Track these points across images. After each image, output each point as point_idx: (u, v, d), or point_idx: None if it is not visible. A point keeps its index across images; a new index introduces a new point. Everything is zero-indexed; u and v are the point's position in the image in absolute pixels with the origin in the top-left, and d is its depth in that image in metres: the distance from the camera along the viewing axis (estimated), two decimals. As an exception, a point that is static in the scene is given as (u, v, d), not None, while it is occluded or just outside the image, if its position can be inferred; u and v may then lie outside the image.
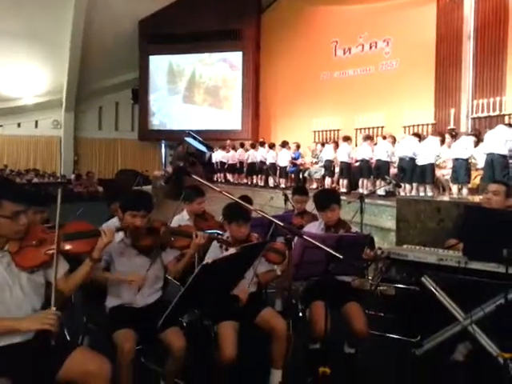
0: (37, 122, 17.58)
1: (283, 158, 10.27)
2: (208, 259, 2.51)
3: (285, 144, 10.64)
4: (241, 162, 11.90)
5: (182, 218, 3.61)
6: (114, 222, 3.45)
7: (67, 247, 2.03)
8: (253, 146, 11.71)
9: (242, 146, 12.36)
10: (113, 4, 13.73)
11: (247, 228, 2.67)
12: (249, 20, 14.74)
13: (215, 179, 12.71)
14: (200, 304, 2.02)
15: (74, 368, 1.86)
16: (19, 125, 17.48)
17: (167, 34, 15.25)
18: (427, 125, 10.38)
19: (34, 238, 1.95)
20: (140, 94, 16.47)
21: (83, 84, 16.36)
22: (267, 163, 10.64)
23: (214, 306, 2.32)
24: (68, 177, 16.67)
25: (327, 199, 2.95)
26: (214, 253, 2.60)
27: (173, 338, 2.27)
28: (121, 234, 2.48)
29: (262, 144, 11.59)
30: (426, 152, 6.93)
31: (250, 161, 11.37)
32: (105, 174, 17.79)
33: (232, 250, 1.83)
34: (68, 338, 2.64)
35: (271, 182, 10.33)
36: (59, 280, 1.99)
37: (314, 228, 3.01)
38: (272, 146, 10.91)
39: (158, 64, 16.05)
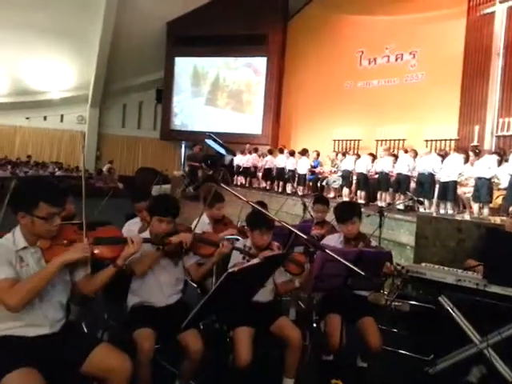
0: (62, 116, 17.95)
1: (302, 166, 10.30)
2: (231, 267, 2.58)
3: (305, 152, 10.66)
4: (255, 167, 11.99)
5: (202, 222, 3.67)
6: (136, 221, 3.54)
7: (95, 251, 2.07)
8: (270, 152, 11.79)
9: (256, 150, 12.46)
10: (142, 4, 14.00)
11: (269, 236, 2.70)
12: (275, 26, 14.82)
13: (234, 183, 12.78)
14: (221, 310, 2.07)
15: (96, 363, 1.93)
16: (45, 118, 17.87)
17: (194, 36, 15.44)
18: (450, 140, 10.27)
19: (65, 237, 2.02)
20: (164, 94, 16.69)
21: (109, 81, 16.68)
22: (286, 170, 10.68)
23: (232, 312, 2.37)
24: (90, 172, 17.00)
25: (348, 212, 2.95)
26: (236, 261, 2.64)
27: (190, 340, 2.32)
28: (146, 233, 2.56)
29: (281, 151, 11.64)
30: (449, 169, 6.87)
31: (267, 166, 11.43)
32: (125, 170, 18.07)
33: (255, 260, 1.87)
34: (85, 331, 2.73)
35: (289, 188, 10.38)
36: (80, 280, 2.07)
37: (333, 240, 3.02)
38: (292, 154, 10.95)
39: (183, 66, 16.26)
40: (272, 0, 14.53)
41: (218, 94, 16.07)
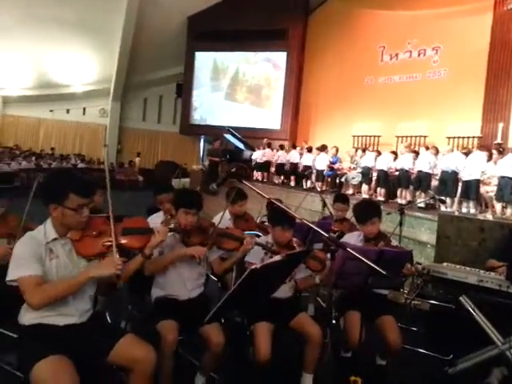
0: (85, 109, 18.26)
1: (321, 162, 10.27)
2: (249, 260, 2.62)
3: (324, 148, 10.62)
4: (269, 162, 12.09)
5: (224, 217, 3.71)
6: (159, 215, 3.60)
7: (123, 241, 2.15)
8: (282, 147, 11.97)
9: (270, 145, 12.53)
10: (164, -1, 14.11)
11: (291, 233, 2.73)
12: (296, 21, 14.71)
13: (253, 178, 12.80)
14: (243, 305, 2.11)
15: (122, 353, 1.99)
16: (68, 111, 18.19)
17: (214, 31, 15.46)
18: (473, 138, 10.06)
19: (94, 228, 2.09)
20: (184, 88, 16.79)
21: (131, 75, 16.87)
22: (300, 166, 10.80)
23: (252, 307, 2.41)
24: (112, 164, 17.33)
25: (368, 212, 2.92)
26: (255, 256, 2.68)
27: (212, 334, 2.37)
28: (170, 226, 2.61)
29: (294, 146, 11.83)
30: (472, 167, 6.75)
31: (279, 161, 11.61)
32: (145, 164, 18.30)
33: (278, 257, 1.90)
34: (109, 321, 2.81)
35: (304, 183, 10.40)
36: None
37: (353, 238, 3.01)
38: (310, 150, 10.95)
39: (204, 60, 16.32)
40: (293, -6, 14.43)
41: (237, 89, 16.09)
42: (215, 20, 15.19)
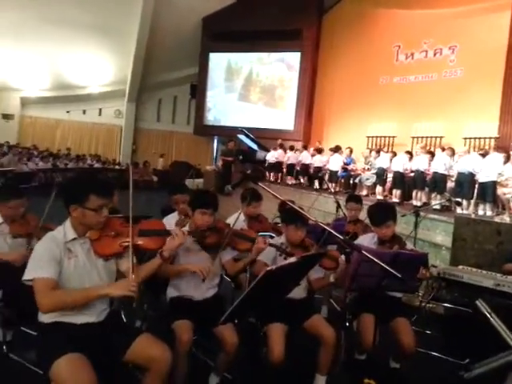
0: (100, 110, 18.47)
1: (335, 163, 10.23)
2: (261, 259, 2.64)
3: (337, 149, 10.59)
4: (280, 163, 12.15)
5: (238, 218, 3.73)
6: (174, 216, 3.64)
7: (139, 242, 2.19)
8: (291, 148, 12.03)
9: (282, 146, 12.57)
10: (179, 0, 14.19)
11: (304, 232, 2.74)
12: (310, 21, 14.66)
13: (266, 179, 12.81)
14: (258, 306, 2.13)
15: (138, 352, 2.02)
16: (84, 112, 18.44)
17: (228, 31, 15.51)
18: (490, 138, 9.88)
19: (112, 229, 2.14)
20: (198, 89, 16.87)
21: (146, 76, 17.03)
22: (312, 167, 10.92)
23: (267, 308, 2.42)
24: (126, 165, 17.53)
25: (383, 215, 2.87)
26: (267, 256, 2.69)
27: (226, 334, 2.39)
28: (186, 228, 2.65)
29: (305, 147, 11.89)
30: (489, 169, 6.65)
31: (289, 162, 11.71)
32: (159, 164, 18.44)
33: (293, 259, 1.91)
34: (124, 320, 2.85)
35: (316, 184, 10.51)
36: (127, 270, 2.17)
37: (367, 240, 2.99)
38: (320, 151, 11.04)
39: (218, 61, 16.38)
40: (307, -6, 14.38)
41: (250, 89, 16.11)
42: (229, 21, 15.23)
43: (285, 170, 12.08)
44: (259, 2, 14.78)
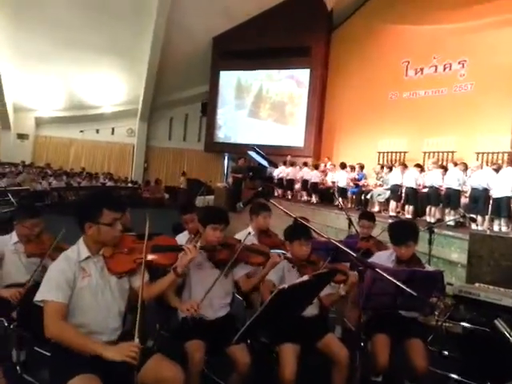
0: (113, 129, 18.76)
1: (341, 179, 10.40)
2: (269, 278, 2.62)
3: (344, 165, 10.75)
4: (288, 179, 12.37)
5: (246, 233, 3.71)
6: (185, 234, 3.65)
7: (152, 258, 2.23)
8: (291, 164, 12.35)
9: (285, 163, 12.79)
10: (190, 21, 14.48)
11: (309, 247, 2.72)
12: (318, 38, 14.81)
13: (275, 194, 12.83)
14: (270, 326, 2.10)
15: (151, 373, 2.00)
16: (97, 131, 18.76)
17: (238, 50, 15.72)
18: (503, 153, 9.78)
19: (125, 245, 2.17)
20: (209, 107, 17.06)
21: (157, 95, 17.31)
22: (310, 181, 11.33)
23: (279, 327, 2.39)
24: (138, 183, 17.74)
25: (404, 234, 2.78)
26: (275, 274, 2.67)
27: (239, 354, 2.36)
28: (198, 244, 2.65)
29: (305, 164, 12.16)
30: (502, 184, 6.55)
31: (288, 177, 12.12)
32: (171, 181, 18.60)
33: (305, 277, 1.90)
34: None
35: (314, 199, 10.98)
36: (140, 289, 2.18)
37: (384, 257, 2.93)
38: (316, 167, 11.56)
39: (228, 79, 16.59)
40: (316, 12, 14.54)
41: (260, 106, 16.24)
42: (239, 39, 15.47)
43: (297, 185, 12.17)
44: (268, 20, 15.01)
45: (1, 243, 2.96)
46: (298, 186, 12.11)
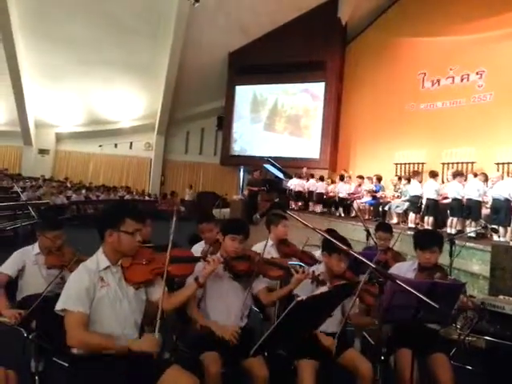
0: (131, 143, 19.06)
1: (342, 190, 10.92)
2: (298, 294, 2.57)
3: (342, 177, 11.36)
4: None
5: (267, 244, 3.69)
6: (201, 244, 3.65)
7: (169, 268, 2.22)
8: (299, 176, 12.51)
9: (299, 176, 12.86)
10: (207, 38, 14.77)
11: (346, 263, 2.66)
12: (333, 51, 14.88)
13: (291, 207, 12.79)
14: (288, 338, 2.07)
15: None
16: (116, 145, 19.07)
17: (254, 65, 15.91)
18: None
19: (144, 256, 2.19)
20: (225, 121, 17.23)
21: (174, 110, 17.59)
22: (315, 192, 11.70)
23: (298, 341, 2.35)
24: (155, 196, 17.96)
25: (430, 239, 2.79)
26: (304, 289, 2.57)
27: (256, 367, 2.33)
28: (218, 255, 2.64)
29: (312, 175, 12.41)
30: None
31: (296, 189, 12.30)
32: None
33: (324, 288, 1.87)
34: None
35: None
36: (157, 300, 2.18)
37: (405, 267, 2.88)
38: (322, 179, 11.97)
39: (243, 94, 16.76)
40: (330, 26, 14.66)
41: (276, 120, 16.31)
42: (255, 55, 15.67)
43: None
44: (283, 35, 15.19)
45: (23, 254, 3.01)
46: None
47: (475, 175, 7.86)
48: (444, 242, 2.84)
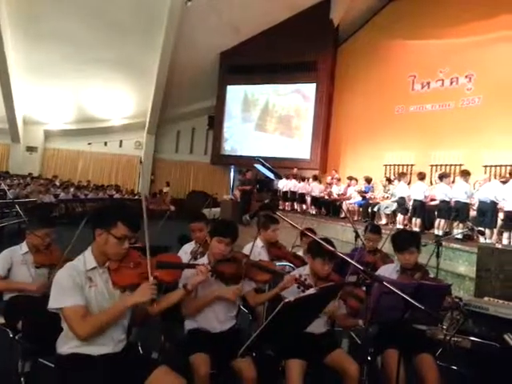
0: (121, 141, 18.89)
1: (316, 189, 11.46)
2: (286, 296, 2.59)
3: (315, 178, 11.92)
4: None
5: (256, 245, 3.70)
6: (191, 244, 3.66)
7: (156, 273, 2.18)
8: (287, 177, 12.80)
9: (290, 176, 13.00)
10: (198, 37, 14.70)
11: (330, 266, 2.68)
12: (325, 52, 14.93)
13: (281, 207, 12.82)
14: (276, 339, 2.08)
15: (155, 385, 2.00)
16: (106, 144, 18.88)
17: (245, 65, 15.90)
18: (511, 166, 9.73)
19: (131, 260, 2.16)
20: (215, 120, 17.19)
21: (165, 109, 17.49)
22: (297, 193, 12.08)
23: (286, 342, 2.36)
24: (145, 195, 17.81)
25: (407, 241, 2.82)
26: (292, 293, 2.58)
27: (245, 368, 2.33)
28: (204, 259, 2.65)
29: (295, 176, 12.69)
30: (510, 197, 6.49)
31: (284, 190, 12.66)
32: (177, 193, 18.68)
33: (312, 290, 1.88)
34: (141, 352, 2.81)
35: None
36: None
37: (389, 270, 2.93)
38: (304, 179, 12.27)
39: (235, 93, 16.74)
40: (322, 27, 14.69)
41: (267, 120, 16.32)
42: (246, 54, 15.66)
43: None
44: (274, 36, 15.19)
45: (11, 253, 2.98)
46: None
47: (461, 174, 7.90)
48: (421, 242, 2.88)
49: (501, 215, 6.85)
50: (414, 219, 8.18)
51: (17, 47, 14.34)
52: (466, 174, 7.62)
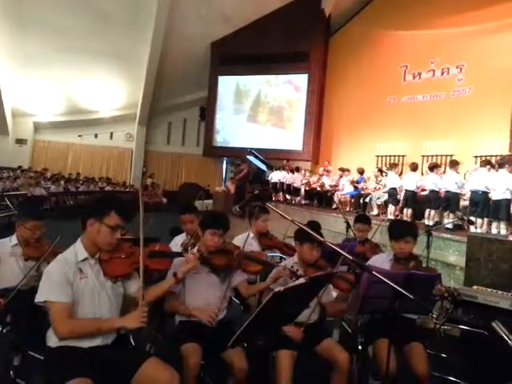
0: (112, 133, 18.75)
1: (297, 180, 11.80)
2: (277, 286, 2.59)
3: (298, 169, 12.23)
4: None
5: (247, 236, 3.70)
6: (182, 236, 3.64)
7: (147, 263, 2.23)
8: (270, 168, 13.15)
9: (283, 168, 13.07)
10: (188, 27, 14.56)
11: (319, 252, 2.70)
12: (317, 43, 14.88)
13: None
14: (266, 329, 2.09)
15: (146, 376, 1.99)
16: (96, 135, 18.73)
17: (237, 55, 15.81)
18: (501, 156, 9.80)
19: (123, 251, 2.17)
20: (207, 112, 17.12)
21: (156, 100, 17.35)
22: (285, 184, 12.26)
23: (275, 332, 2.37)
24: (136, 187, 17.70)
25: (403, 229, 2.83)
26: (286, 283, 2.63)
27: (235, 359, 2.34)
28: (195, 250, 2.63)
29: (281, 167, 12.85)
30: (500, 186, 6.54)
31: (273, 181, 12.86)
32: (169, 185, 18.60)
33: (301, 280, 1.88)
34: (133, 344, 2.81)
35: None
36: (138, 291, 2.17)
37: (381, 259, 2.93)
38: (292, 170, 12.30)
39: (226, 84, 16.64)
40: (314, 18, 14.62)
41: (259, 111, 16.28)
42: (237, 45, 15.55)
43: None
44: (266, 26, 15.09)
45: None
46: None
47: (451, 165, 7.95)
48: (418, 232, 2.88)
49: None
50: (405, 210, 8.22)
51: (4, 37, 14.05)
52: (454, 163, 7.66)
